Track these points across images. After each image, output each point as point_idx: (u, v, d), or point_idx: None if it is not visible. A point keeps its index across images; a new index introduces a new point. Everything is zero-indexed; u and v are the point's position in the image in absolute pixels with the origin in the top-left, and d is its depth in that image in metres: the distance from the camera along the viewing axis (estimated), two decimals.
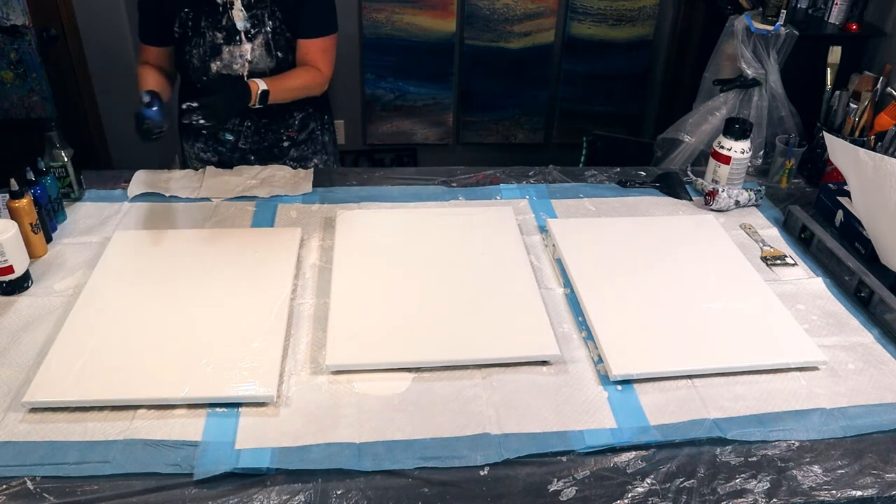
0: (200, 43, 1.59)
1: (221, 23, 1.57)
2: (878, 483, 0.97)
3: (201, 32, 1.58)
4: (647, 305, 1.25)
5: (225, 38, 1.58)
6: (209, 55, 1.59)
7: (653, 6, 3.22)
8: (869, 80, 1.81)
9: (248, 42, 1.59)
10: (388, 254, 1.37)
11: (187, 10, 1.56)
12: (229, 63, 1.60)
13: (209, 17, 1.57)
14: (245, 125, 1.73)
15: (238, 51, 1.59)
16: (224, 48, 1.59)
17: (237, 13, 1.56)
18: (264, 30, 1.59)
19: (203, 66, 1.61)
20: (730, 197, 1.60)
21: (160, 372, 1.06)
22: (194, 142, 1.79)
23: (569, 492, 0.94)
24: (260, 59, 1.61)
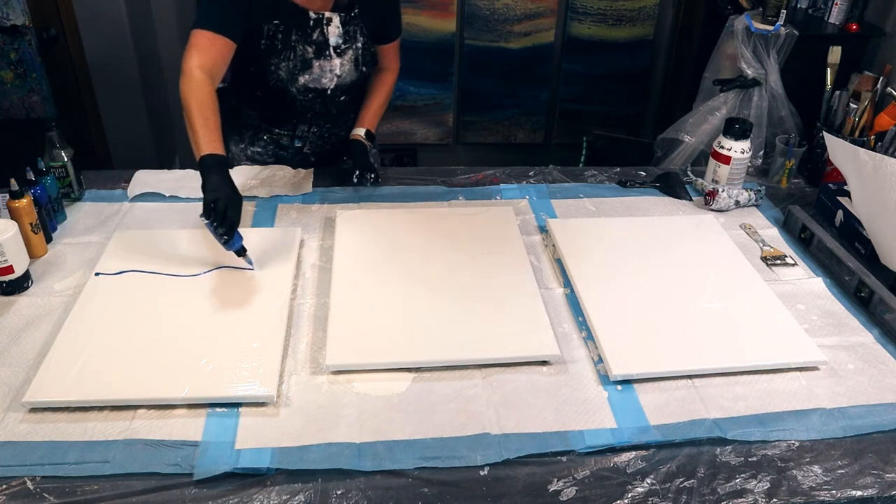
0: (290, 56, 1.55)
1: (312, 37, 1.55)
2: (878, 483, 0.97)
3: (291, 46, 1.54)
4: (647, 305, 1.25)
5: (315, 53, 1.56)
6: (299, 69, 1.57)
7: (653, 6, 3.22)
8: (869, 80, 1.81)
9: (337, 57, 1.59)
10: (388, 254, 1.37)
11: (277, 21, 1.52)
12: (318, 77, 1.59)
13: (300, 31, 1.54)
14: (311, 131, 1.73)
15: (328, 65, 1.59)
16: (314, 62, 1.57)
17: (333, 29, 1.56)
18: (355, 45, 1.60)
19: (291, 78, 1.58)
20: (730, 197, 1.60)
21: (160, 372, 1.06)
22: (249, 144, 1.76)
23: (569, 492, 0.94)
24: (347, 74, 1.62)
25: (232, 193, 1.27)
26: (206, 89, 1.40)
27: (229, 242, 1.27)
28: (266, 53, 1.55)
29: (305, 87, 1.60)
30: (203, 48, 1.44)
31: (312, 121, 1.70)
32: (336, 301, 1.23)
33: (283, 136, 1.73)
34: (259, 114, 1.71)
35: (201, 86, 1.39)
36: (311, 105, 1.66)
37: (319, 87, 1.61)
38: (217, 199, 1.23)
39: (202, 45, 1.44)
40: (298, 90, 1.60)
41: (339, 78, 1.61)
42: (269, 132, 1.73)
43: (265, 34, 1.53)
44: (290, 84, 1.59)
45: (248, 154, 1.77)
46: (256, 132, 1.74)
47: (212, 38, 1.45)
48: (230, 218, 1.24)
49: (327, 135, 1.76)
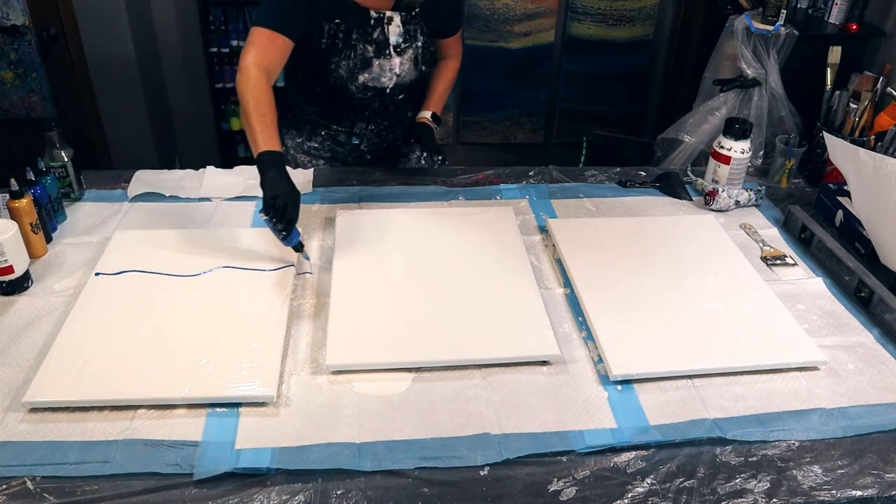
0: (350, 55, 1.55)
1: (373, 36, 1.55)
2: (878, 483, 0.97)
3: (352, 45, 1.54)
4: (646, 305, 1.25)
5: (375, 52, 1.57)
6: (359, 67, 1.57)
7: (653, 6, 3.22)
8: (869, 80, 1.82)
9: (397, 56, 1.59)
10: (388, 254, 1.37)
11: (338, 21, 1.52)
12: (378, 76, 1.60)
13: (360, 30, 1.54)
14: (369, 128, 1.73)
15: (388, 64, 1.59)
16: (374, 61, 1.57)
17: (394, 28, 1.56)
18: (415, 45, 1.60)
19: (351, 77, 1.58)
20: (730, 197, 1.60)
21: (160, 372, 1.06)
22: (307, 139, 1.76)
23: (569, 492, 0.94)
24: (406, 73, 1.62)
25: (291, 190, 1.27)
26: (263, 86, 1.40)
27: (287, 238, 1.27)
28: (327, 52, 1.55)
29: (365, 86, 1.61)
30: (261, 46, 1.44)
31: (370, 118, 1.71)
32: (336, 301, 1.23)
33: (341, 132, 1.73)
34: (317, 110, 1.71)
35: (258, 83, 1.39)
36: (369, 103, 1.66)
37: (378, 86, 1.62)
38: (276, 196, 1.24)
39: (260, 42, 1.44)
40: (357, 88, 1.61)
41: (399, 77, 1.62)
42: (326, 128, 1.73)
43: (326, 33, 1.53)
44: (350, 82, 1.59)
45: (305, 148, 1.78)
46: (314, 127, 1.74)
47: (270, 36, 1.44)
48: (289, 214, 1.25)
49: (384, 132, 1.76)
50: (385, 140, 1.78)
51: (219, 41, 3.15)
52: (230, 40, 3.16)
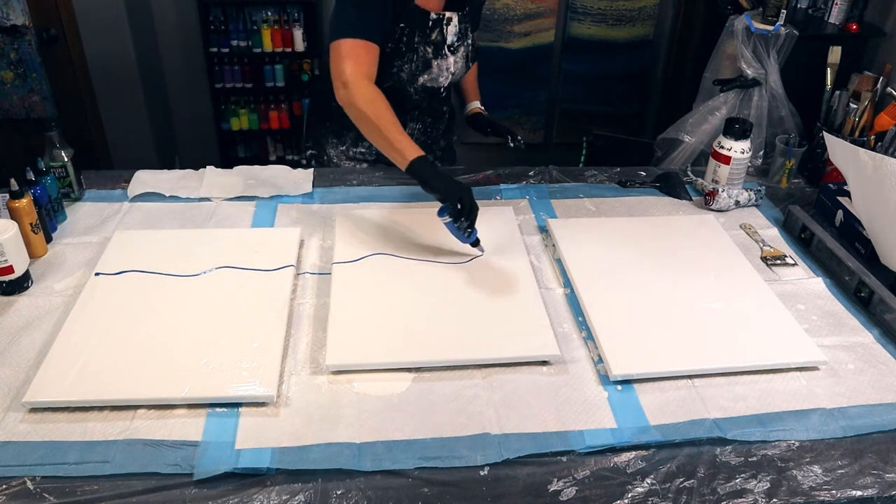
0: (413, 58, 1.57)
1: (431, 37, 1.57)
2: (878, 483, 0.97)
3: (414, 47, 1.56)
4: (647, 305, 1.25)
5: (433, 52, 1.59)
6: (420, 69, 1.59)
7: (653, 6, 3.22)
8: (869, 80, 1.82)
9: (451, 55, 1.61)
10: (387, 253, 1.37)
11: (402, 24, 1.52)
12: (436, 76, 1.62)
13: (421, 33, 1.56)
14: (416, 128, 1.74)
15: (445, 64, 1.61)
16: (433, 62, 1.60)
17: (451, 28, 1.58)
18: (466, 42, 1.63)
19: (411, 79, 1.61)
20: (730, 197, 1.60)
21: (160, 372, 1.06)
22: (352, 145, 1.77)
23: (569, 492, 0.94)
24: (459, 71, 1.65)
25: (465, 186, 1.28)
26: (380, 96, 1.39)
27: (471, 235, 1.28)
28: (391, 56, 1.55)
29: (423, 87, 1.64)
30: (357, 56, 1.41)
31: (419, 118, 1.73)
32: (336, 301, 1.23)
33: None
34: None
35: (375, 94, 1.39)
36: (419, 103, 1.68)
37: (435, 86, 1.65)
38: (462, 196, 1.25)
39: (356, 53, 1.41)
40: (416, 90, 1.63)
41: (454, 76, 1.65)
42: None
43: (392, 37, 1.53)
44: (409, 84, 1.61)
45: (350, 154, 1.78)
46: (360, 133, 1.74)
47: (365, 46, 1.43)
48: (475, 211, 1.26)
49: (430, 129, 1.78)
50: (430, 137, 1.80)
51: (219, 41, 3.15)
52: (230, 40, 3.16)
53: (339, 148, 1.77)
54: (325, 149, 1.78)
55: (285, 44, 3.19)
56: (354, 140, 1.76)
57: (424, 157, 1.32)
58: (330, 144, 1.77)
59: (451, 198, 1.26)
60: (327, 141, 1.77)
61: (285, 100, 3.38)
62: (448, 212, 1.26)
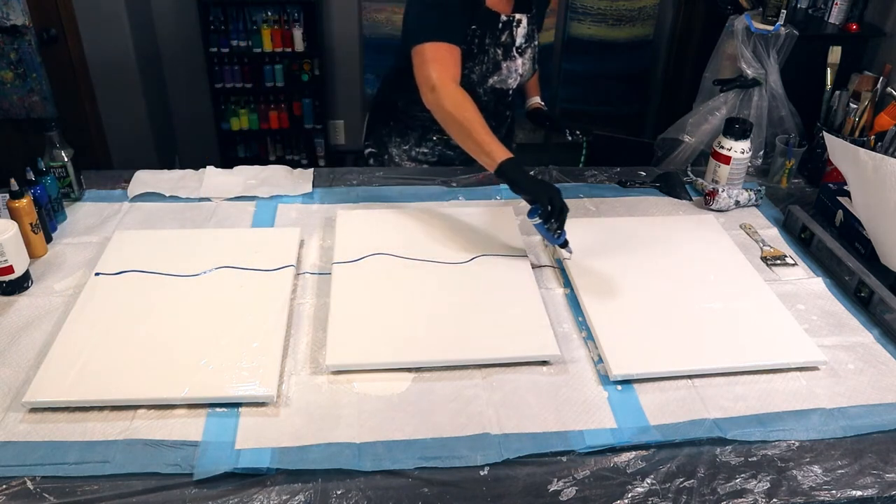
0: (484, 60, 1.58)
1: (501, 39, 1.58)
2: (878, 483, 0.97)
3: (485, 49, 1.57)
4: (647, 305, 1.25)
5: (503, 54, 1.60)
6: (490, 71, 1.61)
7: (653, 6, 3.22)
8: (869, 80, 1.81)
9: (519, 57, 1.62)
10: (387, 254, 1.37)
11: (475, 27, 1.54)
12: (505, 78, 1.63)
13: (492, 35, 1.57)
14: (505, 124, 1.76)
15: (513, 65, 1.62)
16: (503, 64, 1.61)
17: (521, 30, 1.59)
18: (533, 44, 1.64)
19: (482, 80, 1.62)
20: (730, 197, 1.60)
21: (160, 372, 1.06)
22: (415, 145, 1.77)
23: (569, 492, 0.94)
24: (527, 73, 1.66)
25: (555, 188, 1.29)
26: (468, 99, 1.39)
27: (561, 236, 1.28)
28: (463, 58, 1.54)
29: (492, 89, 1.65)
30: (443, 60, 1.42)
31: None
32: (336, 301, 1.23)
33: None
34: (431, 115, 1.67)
35: (463, 97, 1.39)
36: (486, 105, 1.68)
37: (504, 88, 1.66)
38: (552, 197, 1.25)
39: (441, 56, 1.42)
40: (485, 91, 1.64)
41: (521, 77, 1.66)
42: (440, 132, 1.74)
43: (465, 39, 1.54)
44: (479, 86, 1.62)
45: (412, 155, 1.79)
46: (425, 133, 1.75)
47: (448, 49, 1.44)
48: (566, 212, 1.27)
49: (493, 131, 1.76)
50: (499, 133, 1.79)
51: (219, 41, 3.15)
52: (230, 40, 3.16)
53: (402, 147, 1.78)
54: (388, 147, 1.79)
55: (285, 44, 3.19)
56: (418, 140, 1.76)
57: (513, 159, 1.31)
58: (393, 143, 1.78)
59: (541, 199, 1.25)
60: (390, 140, 1.78)
61: (285, 100, 3.38)
62: (538, 213, 1.26)
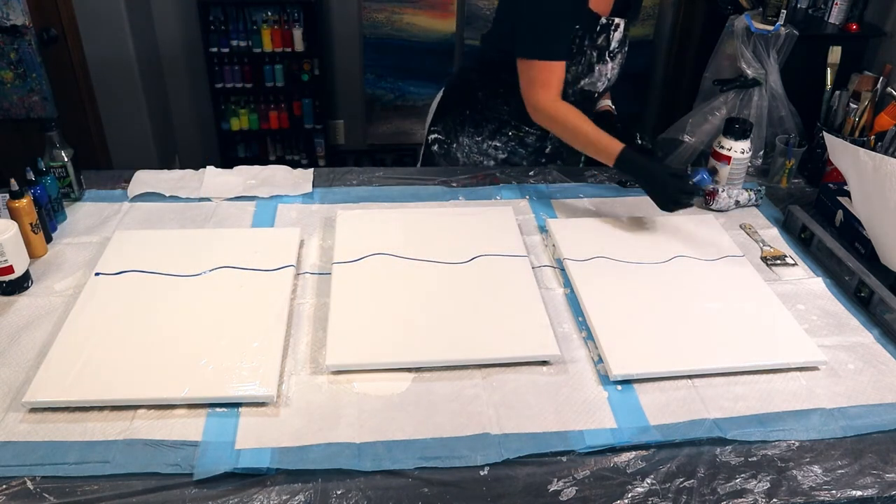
0: (581, 61, 1.58)
1: (597, 42, 1.57)
2: (878, 483, 0.97)
3: (583, 50, 1.57)
4: (647, 305, 1.25)
5: (597, 57, 1.59)
6: (584, 72, 1.60)
7: (653, 6, 3.22)
8: (869, 80, 1.82)
9: (611, 61, 1.61)
10: (387, 254, 1.37)
11: (578, 27, 1.54)
12: (595, 80, 1.63)
13: (590, 36, 1.56)
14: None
15: (605, 69, 1.61)
16: (595, 66, 1.60)
17: (617, 34, 1.58)
18: (624, 49, 1.62)
19: (574, 81, 1.61)
20: (730, 197, 1.60)
21: (160, 372, 1.06)
22: (489, 138, 1.76)
23: (569, 492, 0.94)
24: (615, 77, 1.66)
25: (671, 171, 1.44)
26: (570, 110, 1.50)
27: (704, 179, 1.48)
28: None
29: (582, 90, 1.64)
30: (548, 83, 1.50)
31: None
32: (336, 301, 1.23)
33: (531, 134, 1.75)
34: (513, 109, 1.70)
35: (567, 110, 1.50)
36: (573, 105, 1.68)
37: (593, 90, 1.65)
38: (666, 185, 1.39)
39: (548, 78, 1.50)
40: (574, 92, 1.63)
41: (609, 81, 1.65)
42: (517, 129, 1.73)
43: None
44: (570, 87, 1.61)
45: (483, 148, 1.78)
46: (501, 127, 1.74)
47: (559, 67, 1.51)
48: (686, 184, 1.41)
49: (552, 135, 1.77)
50: (565, 145, 1.78)
51: (219, 41, 3.15)
52: (230, 40, 3.16)
53: (475, 138, 1.77)
54: (458, 136, 1.77)
55: (285, 44, 3.19)
56: (492, 133, 1.75)
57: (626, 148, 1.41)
58: (465, 133, 1.77)
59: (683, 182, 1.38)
60: (463, 129, 1.77)
61: (285, 100, 3.38)
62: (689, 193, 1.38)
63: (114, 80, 2.92)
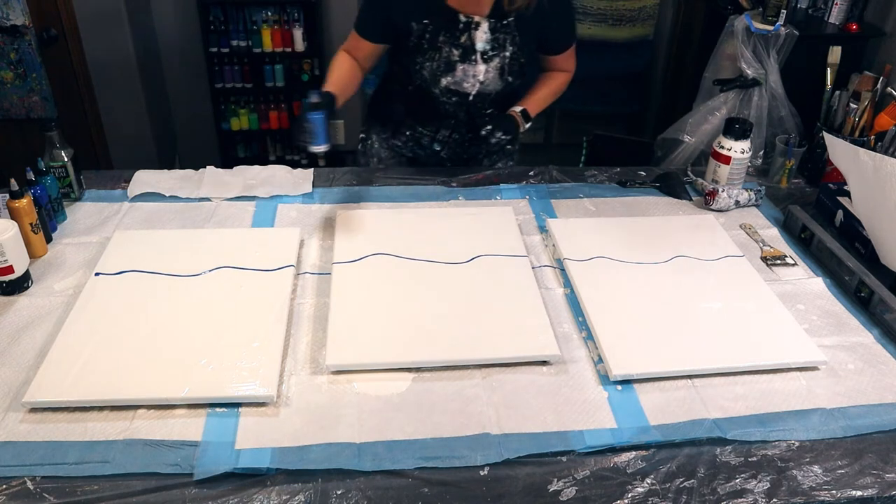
0: (435, 57, 1.56)
1: (460, 40, 1.54)
2: (878, 483, 0.97)
3: (438, 47, 1.55)
4: (647, 305, 1.25)
5: (461, 56, 1.56)
6: (442, 70, 1.58)
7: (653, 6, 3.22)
8: (869, 80, 1.82)
9: (483, 63, 1.57)
10: (387, 254, 1.37)
11: (426, 21, 1.53)
12: (460, 81, 1.59)
13: (448, 33, 1.54)
14: (452, 137, 1.73)
15: (472, 70, 1.58)
16: (458, 65, 1.57)
17: (480, 34, 1.54)
18: (502, 54, 1.57)
19: (433, 79, 1.59)
20: (730, 197, 1.60)
21: (160, 372, 1.06)
22: (391, 136, 1.78)
23: (569, 492, 0.94)
24: (491, 82, 1.61)
25: None
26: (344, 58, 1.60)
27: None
28: (413, 51, 1.56)
29: (448, 90, 1.62)
30: (350, 46, 1.62)
31: (455, 127, 1.71)
32: (336, 301, 1.23)
33: (424, 135, 1.75)
34: (405, 109, 1.72)
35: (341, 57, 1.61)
36: (454, 111, 1.67)
37: (461, 91, 1.62)
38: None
39: (350, 44, 1.62)
40: (441, 92, 1.62)
41: (482, 84, 1.61)
42: (412, 128, 1.75)
43: (414, 33, 1.54)
44: (433, 85, 1.61)
45: (389, 145, 1.81)
46: (399, 126, 1.76)
47: (356, 39, 1.61)
48: None
49: (467, 144, 1.76)
50: (467, 152, 1.79)
51: (219, 41, 3.15)
52: (230, 40, 3.16)
53: (382, 136, 1.80)
54: (371, 135, 1.82)
55: (285, 44, 3.18)
56: (393, 132, 1.78)
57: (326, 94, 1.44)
58: (375, 131, 1.81)
59: None
60: (374, 127, 1.81)
61: (285, 100, 3.38)
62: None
63: (114, 80, 2.92)
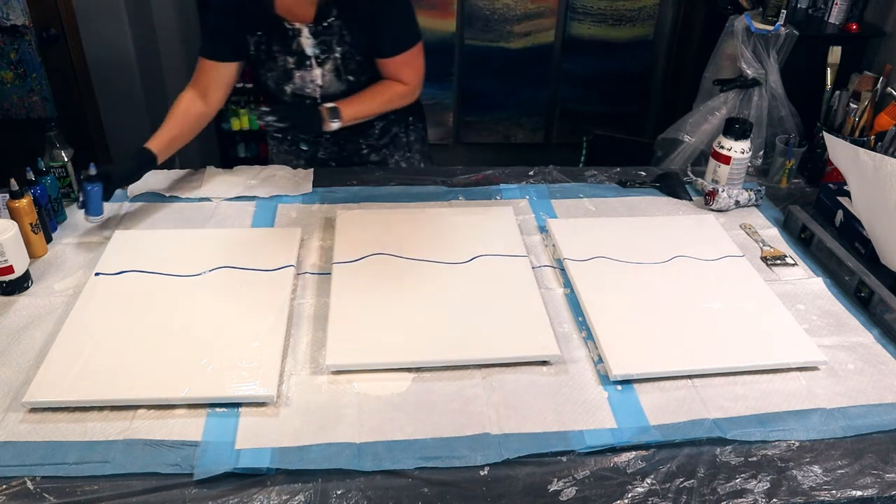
0: (273, 67, 1.60)
1: (292, 48, 1.57)
2: (878, 483, 0.97)
3: (273, 56, 1.58)
4: (647, 305, 1.25)
5: (296, 63, 1.59)
6: (282, 78, 1.61)
7: (653, 6, 3.22)
8: (869, 80, 1.82)
9: (318, 67, 1.60)
10: (387, 254, 1.37)
11: (260, 33, 1.56)
12: (301, 87, 1.62)
13: (280, 42, 1.57)
14: (324, 136, 1.74)
15: (309, 75, 1.61)
16: (295, 72, 1.60)
17: (305, 40, 1.56)
18: (333, 56, 1.59)
19: (278, 88, 1.63)
20: (730, 197, 1.60)
21: (160, 372, 1.06)
22: (279, 144, 1.82)
23: (569, 492, 0.94)
24: (331, 84, 1.62)
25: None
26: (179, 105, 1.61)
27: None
28: (256, 63, 1.61)
29: (295, 95, 1.64)
30: (196, 80, 1.63)
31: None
32: (336, 301, 1.23)
33: (300, 140, 1.78)
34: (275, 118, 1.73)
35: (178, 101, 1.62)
36: None
37: (306, 95, 1.64)
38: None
39: (196, 77, 1.63)
40: (290, 98, 1.65)
41: (322, 88, 1.63)
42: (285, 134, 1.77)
43: (253, 45, 1.58)
44: (280, 93, 1.64)
45: (279, 150, 1.84)
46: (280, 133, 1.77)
47: (202, 64, 1.61)
48: None
49: (343, 142, 1.77)
50: (345, 149, 1.79)
51: None
52: None
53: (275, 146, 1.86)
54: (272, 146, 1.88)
55: None
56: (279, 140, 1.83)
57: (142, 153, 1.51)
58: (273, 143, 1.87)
59: None
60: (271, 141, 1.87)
61: None
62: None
63: (114, 80, 2.92)
